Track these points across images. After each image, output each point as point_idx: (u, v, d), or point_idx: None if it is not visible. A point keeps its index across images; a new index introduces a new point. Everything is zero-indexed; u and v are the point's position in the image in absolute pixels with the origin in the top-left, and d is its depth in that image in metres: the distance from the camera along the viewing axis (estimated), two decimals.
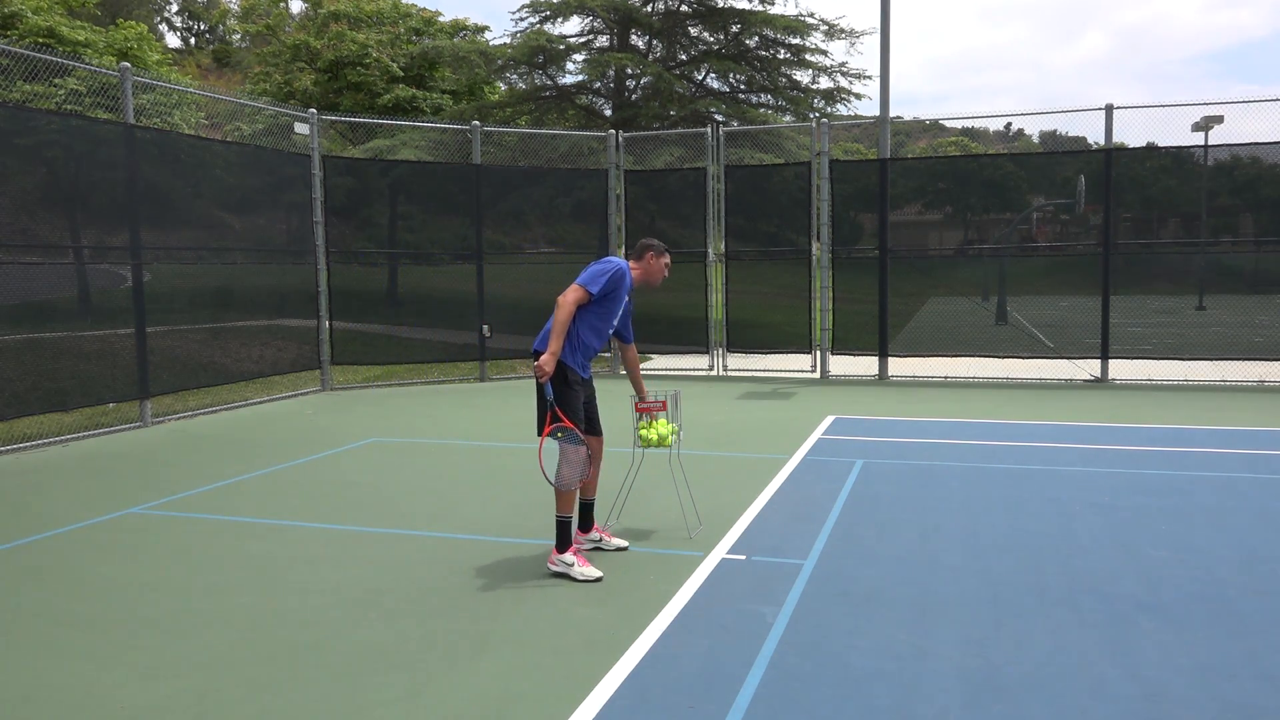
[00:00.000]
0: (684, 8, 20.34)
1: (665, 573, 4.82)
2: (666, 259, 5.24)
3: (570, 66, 20.37)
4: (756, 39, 20.12)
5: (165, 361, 10.17)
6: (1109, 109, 11.67)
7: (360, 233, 14.71)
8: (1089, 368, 12.42)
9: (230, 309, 11.42)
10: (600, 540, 5.25)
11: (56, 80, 13.44)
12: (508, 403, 11.19)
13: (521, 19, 20.39)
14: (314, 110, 12.38)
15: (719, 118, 19.39)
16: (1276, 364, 11.89)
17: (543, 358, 4.78)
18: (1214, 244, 13.55)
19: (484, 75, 21.07)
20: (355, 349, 13.14)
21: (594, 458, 5.14)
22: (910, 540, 5.33)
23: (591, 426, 5.15)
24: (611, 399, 6.47)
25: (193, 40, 63.00)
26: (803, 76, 20.33)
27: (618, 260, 5.02)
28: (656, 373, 13.91)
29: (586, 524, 5.25)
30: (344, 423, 9.85)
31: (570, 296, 4.82)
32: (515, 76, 21.03)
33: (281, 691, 3.57)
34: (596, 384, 5.35)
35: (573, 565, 4.78)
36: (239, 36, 50.07)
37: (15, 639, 4.12)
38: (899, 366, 13.10)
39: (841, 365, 13.47)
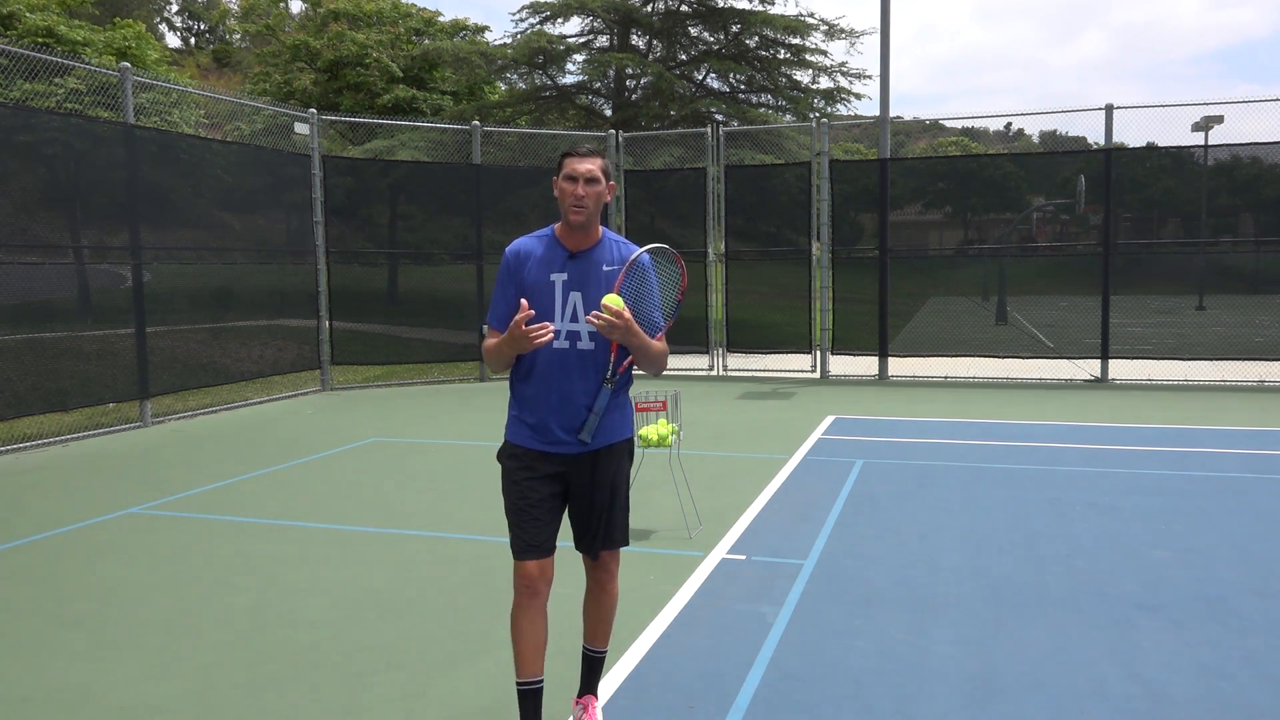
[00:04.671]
0: (684, 8, 20.33)
1: (665, 573, 4.82)
2: (569, 164, 2.99)
3: (570, 67, 20.37)
4: (756, 39, 20.12)
5: (165, 361, 10.17)
6: (1109, 109, 11.67)
7: (360, 233, 14.71)
8: (1089, 368, 12.41)
9: (230, 309, 11.42)
10: None
11: (56, 80, 13.44)
12: (504, 404, 11.18)
13: (521, 19, 20.39)
14: (314, 110, 12.38)
15: (719, 118, 19.39)
16: (1276, 364, 11.89)
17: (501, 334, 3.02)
18: (1214, 244, 13.56)
19: (484, 75, 21.07)
20: (355, 349, 13.14)
21: (596, 590, 3.22)
22: (910, 540, 5.33)
23: (578, 540, 3.17)
24: None
25: (193, 40, 63.01)
26: (803, 76, 20.34)
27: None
28: None
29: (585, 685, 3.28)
30: (344, 423, 9.85)
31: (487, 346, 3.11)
32: (515, 77, 21.03)
33: (281, 691, 3.57)
34: None
35: None
36: (239, 36, 50.09)
37: (15, 639, 4.11)
38: (899, 366, 13.09)
39: (841, 365, 13.47)
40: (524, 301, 2.90)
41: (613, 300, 2.90)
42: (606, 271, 3.05)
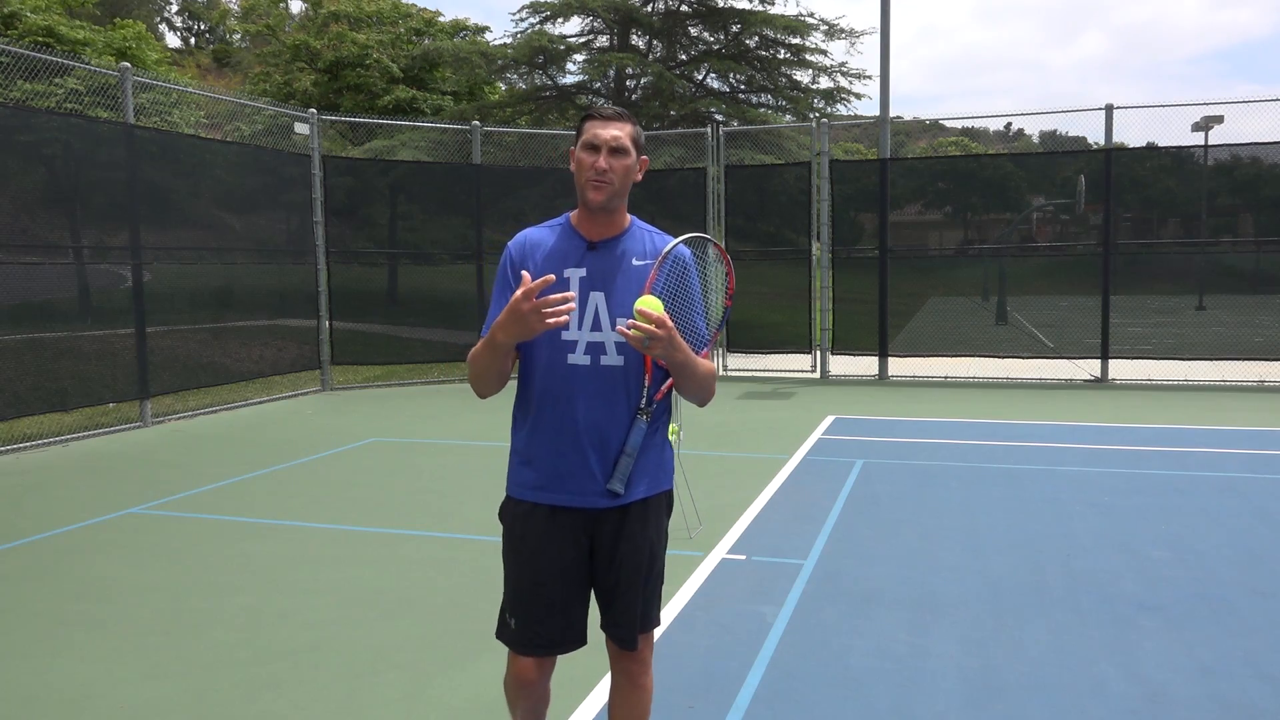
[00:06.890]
0: (684, 8, 20.34)
1: (665, 572, 4.81)
2: (590, 129, 2.32)
3: (570, 66, 20.39)
4: (756, 39, 20.12)
5: (165, 361, 10.17)
6: (1109, 109, 11.67)
7: (360, 233, 14.71)
8: (1089, 368, 12.41)
9: (230, 309, 11.42)
10: None
11: (56, 80, 13.44)
12: (507, 403, 11.18)
13: (521, 19, 20.40)
14: (314, 110, 12.38)
15: (719, 118, 19.39)
16: (1276, 364, 11.89)
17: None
18: (1214, 244, 13.55)
19: (484, 75, 21.08)
20: (355, 349, 13.14)
21: (626, 686, 2.59)
22: (910, 540, 5.33)
23: (605, 620, 2.54)
24: None
25: (193, 40, 63.01)
26: (803, 76, 20.35)
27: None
28: None
29: None
30: (344, 423, 9.85)
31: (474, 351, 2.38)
32: (515, 77, 21.04)
33: (281, 691, 3.56)
34: None
35: None
36: (239, 36, 50.05)
37: (15, 639, 4.11)
38: (899, 366, 13.09)
39: (841, 365, 13.47)
40: (525, 274, 2.15)
41: (650, 304, 2.17)
42: (637, 266, 2.36)
